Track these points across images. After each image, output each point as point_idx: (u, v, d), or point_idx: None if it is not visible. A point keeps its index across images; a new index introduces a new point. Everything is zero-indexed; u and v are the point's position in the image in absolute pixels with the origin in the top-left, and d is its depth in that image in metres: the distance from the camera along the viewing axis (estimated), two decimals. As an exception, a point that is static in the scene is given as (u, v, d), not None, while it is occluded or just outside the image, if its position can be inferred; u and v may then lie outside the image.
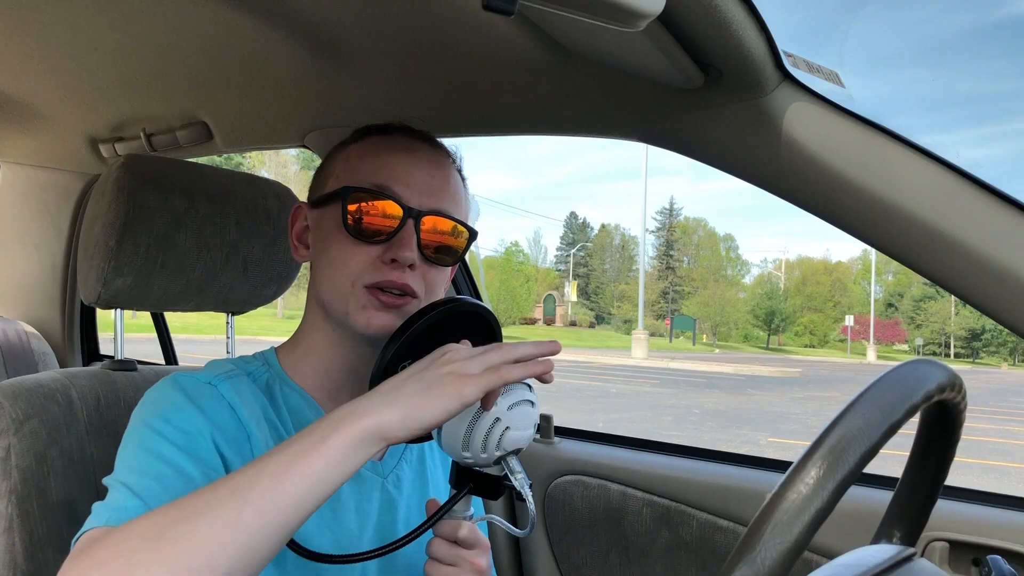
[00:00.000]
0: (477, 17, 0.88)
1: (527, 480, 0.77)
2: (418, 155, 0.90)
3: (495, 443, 0.76)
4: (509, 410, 0.76)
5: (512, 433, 0.76)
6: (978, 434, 11.17)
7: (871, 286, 65.29)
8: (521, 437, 0.77)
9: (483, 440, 0.75)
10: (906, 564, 0.62)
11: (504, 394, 0.76)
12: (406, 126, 0.95)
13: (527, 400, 0.78)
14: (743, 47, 0.79)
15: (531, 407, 0.79)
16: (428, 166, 0.90)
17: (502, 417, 0.76)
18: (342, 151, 0.94)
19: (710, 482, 1.33)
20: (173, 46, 1.12)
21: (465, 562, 0.81)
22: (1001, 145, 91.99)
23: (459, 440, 0.76)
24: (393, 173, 0.88)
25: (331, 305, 0.89)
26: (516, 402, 0.77)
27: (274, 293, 1.24)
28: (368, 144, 0.92)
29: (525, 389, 0.79)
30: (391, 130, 0.93)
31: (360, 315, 0.86)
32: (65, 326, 2.03)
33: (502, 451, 0.77)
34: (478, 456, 0.76)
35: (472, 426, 0.75)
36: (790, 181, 0.91)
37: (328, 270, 0.89)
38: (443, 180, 0.91)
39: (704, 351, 45.84)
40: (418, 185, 0.88)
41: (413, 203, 0.87)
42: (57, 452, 0.96)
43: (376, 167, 0.89)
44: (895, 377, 0.53)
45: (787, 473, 0.48)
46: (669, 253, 73.50)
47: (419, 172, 0.89)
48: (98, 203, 1.05)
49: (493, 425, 0.75)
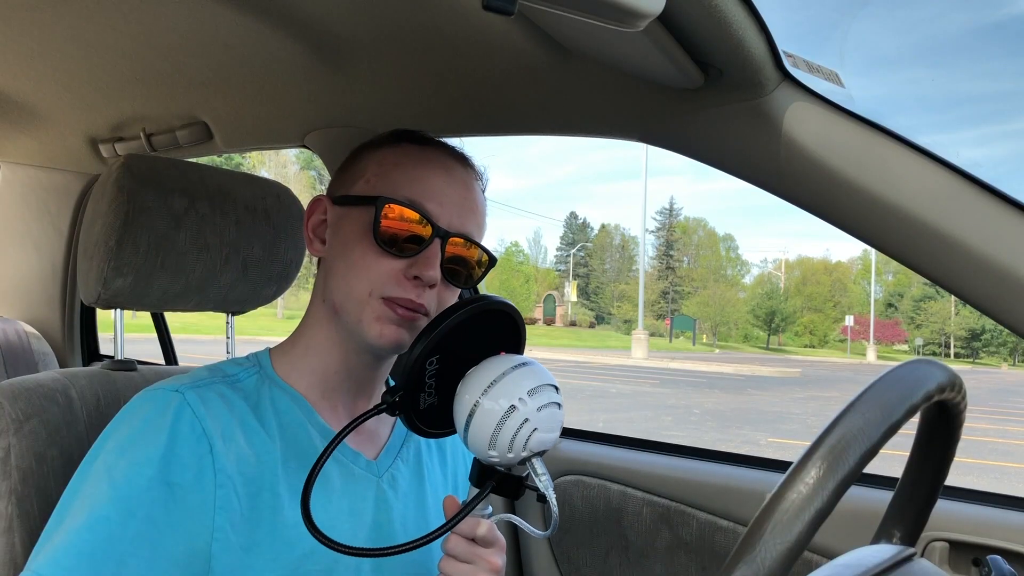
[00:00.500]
0: (477, 17, 0.88)
1: (551, 482, 0.78)
2: (454, 175, 0.90)
3: (522, 444, 0.76)
4: (538, 411, 0.76)
5: (540, 435, 0.76)
6: (978, 434, 11.17)
7: (871, 286, 65.31)
8: (548, 439, 0.78)
9: (511, 440, 0.75)
10: (906, 564, 0.62)
11: (533, 395, 0.77)
12: (443, 143, 0.95)
13: (555, 402, 0.79)
14: (743, 47, 0.79)
15: (558, 409, 0.79)
16: (462, 188, 0.91)
17: (531, 418, 0.76)
18: (374, 153, 0.93)
19: (710, 482, 1.33)
20: (173, 46, 1.12)
21: (482, 560, 0.81)
22: (1001, 145, 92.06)
23: (486, 439, 0.76)
24: (428, 190, 0.87)
25: (343, 310, 0.88)
26: (545, 404, 0.77)
27: (274, 293, 1.24)
28: (404, 152, 0.91)
29: (552, 391, 0.79)
30: (427, 142, 0.93)
31: (373, 326, 0.85)
32: (65, 326, 2.04)
33: (528, 452, 0.77)
34: (504, 456, 0.76)
35: (500, 426, 0.75)
36: (790, 181, 0.91)
37: (346, 274, 0.88)
38: (473, 203, 0.91)
39: (704, 351, 45.85)
40: (450, 206, 0.88)
41: (443, 223, 0.87)
42: (57, 452, 0.96)
43: (413, 180, 0.88)
44: (895, 377, 0.53)
45: (787, 473, 0.48)
46: (669, 253, 73.49)
47: (454, 193, 0.89)
48: (98, 203, 1.05)
49: (521, 426, 0.75)
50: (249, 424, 0.85)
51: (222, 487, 0.79)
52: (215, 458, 0.80)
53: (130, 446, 0.79)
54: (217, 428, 0.81)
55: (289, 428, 0.87)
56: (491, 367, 0.79)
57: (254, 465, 0.82)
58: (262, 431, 0.85)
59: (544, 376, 0.80)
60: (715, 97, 0.91)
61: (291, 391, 0.90)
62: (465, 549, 0.81)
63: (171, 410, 0.80)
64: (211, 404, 0.83)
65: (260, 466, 0.83)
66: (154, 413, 0.81)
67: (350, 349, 0.90)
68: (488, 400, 0.77)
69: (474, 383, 0.78)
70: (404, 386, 0.78)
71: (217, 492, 0.79)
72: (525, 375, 0.78)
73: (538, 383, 0.78)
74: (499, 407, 0.76)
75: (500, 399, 0.76)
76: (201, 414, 0.81)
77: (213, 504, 0.79)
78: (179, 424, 0.80)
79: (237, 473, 0.81)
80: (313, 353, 0.92)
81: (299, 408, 0.89)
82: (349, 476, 0.90)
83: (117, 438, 0.80)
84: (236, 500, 0.80)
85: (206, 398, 0.83)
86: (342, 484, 0.89)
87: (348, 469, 0.90)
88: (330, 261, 0.91)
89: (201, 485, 0.79)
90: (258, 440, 0.84)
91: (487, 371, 0.79)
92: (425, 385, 0.80)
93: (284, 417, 0.88)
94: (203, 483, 0.79)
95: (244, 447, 0.83)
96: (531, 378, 0.78)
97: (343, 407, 0.93)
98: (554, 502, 0.77)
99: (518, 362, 0.80)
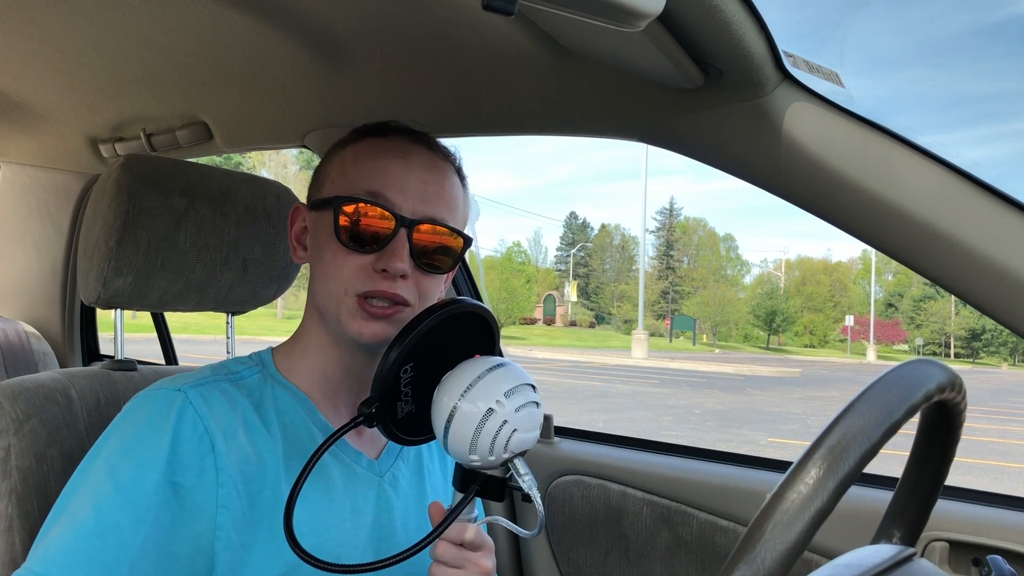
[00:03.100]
0: (477, 17, 0.88)
1: (534, 481, 0.77)
2: (413, 160, 0.89)
3: (503, 446, 0.75)
4: (516, 412, 0.76)
5: (519, 435, 0.76)
6: (978, 434, 11.16)
7: (871, 286, 65.30)
8: (528, 439, 0.77)
9: (491, 443, 0.75)
10: (906, 564, 0.62)
11: (510, 396, 0.76)
12: (404, 127, 0.93)
13: (533, 401, 0.78)
14: (743, 47, 0.79)
15: (536, 408, 0.78)
16: (423, 171, 0.89)
17: (509, 419, 0.75)
18: (339, 153, 0.93)
19: (710, 482, 1.33)
20: (173, 46, 1.12)
21: (471, 564, 0.81)
22: (1001, 145, 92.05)
23: (466, 444, 0.75)
24: (387, 180, 0.86)
25: (326, 311, 0.88)
26: (523, 404, 0.77)
27: (274, 293, 1.24)
28: (364, 147, 0.90)
29: (530, 390, 0.79)
30: (388, 131, 0.91)
31: (352, 323, 0.85)
32: (65, 326, 2.03)
33: (509, 453, 0.76)
34: (485, 459, 0.76)
35: (479, 429, 0.75)
36: (790, 181, 0.91)
37: (322, 277, 0.88)
38: (438, 186, 0.89)
39: (704, 351, 45.83)
40: (412, 192, 0.87)
41: (406, 211, 0.86)
42: (57, 452, 0.96)
43: (370, 173, 0.87)
44: (895, 377, 0.53)
45: (787, 473, 0.48)
46: (669, 253, 73.49)
47: (413, 178, 0.87)
48: (98, 203, 1.05)
49: (500, 428, 0.75)
50: (251, 422, 0.85)
51: (224, 486, 0.80)
52: (216, 456, 0.80)
53: (134, 447, 0.79)
54: (219, 426, 0.81)
55: (291, 426, 0.87)
56: (466, 371, 0.78)
57: (255, 463, 0.83)
58: (264, 429, 0.85)
59: (520, 376, 0.79)
60: (715, 97, 0.91)
61: (293, 389, 0.90)
62: (454, 554, 0.81)
63: (174, 410, 0.81)
64: (213, 402, 0.83)
65: (261, 464, 0.83)
66: (157, 413, 0.81)
67: (344, 349, 0.90)
68: (465, 404, 0.76)
69: (450, 388, 0.78)
70: (379, 397, 0.77)
71: (219, 491, 0.79)
72: (501, 377, 0.77)
73: (515, 383, 0.77)
74: (477, 410, 0.75)
75: (477, 402, 0.75)
76: (203, 412, 0.81)
77: (215, 503, 0.79)
78: (181, 424, 0.80)
79: (238, 472, 0.81)
80: (312, 355, 0.92)
81: (301, 406, 0.89)
82: (351, 476, 0.90)
83: (120, 438, 0.80)
84: (238, 498, 0.80)
85: (208, 396, 0.83)
86: (344, 484, 0.89)
87: (350, 469, 0.90)
88: (312, 266, 0.92)
89: (204, 484, 0.79)
90: (260, 438, 0.84)
91: (462, 375, 0.78)
92: (401, 394, 0.79)
93: (286, 415, 0.88)
94: (205, 482, 0.79)
95: (246, 445, 0.83)
96: (507, 379, 0.77)
97: (345, 406, 0.93)
98: (539, 501, 0.76)
99: (493, 364, 0.79)
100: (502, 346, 0.92)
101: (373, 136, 0.91)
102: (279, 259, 1.20)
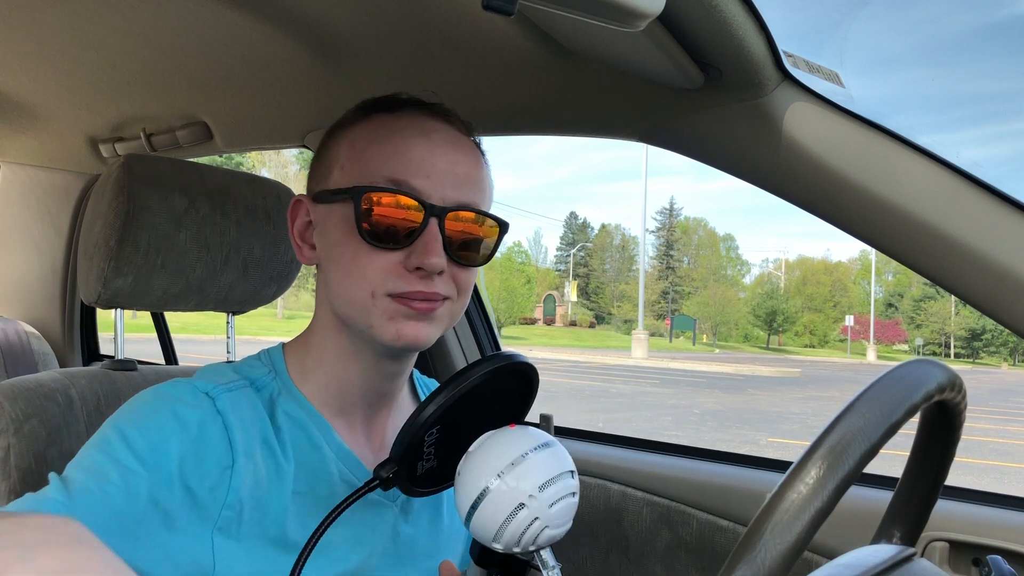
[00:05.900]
0: (477, 17, 0.88)
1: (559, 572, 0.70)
2: (435, 138, 0.77)
3: (531, 540, 0.69)
4: (551, 507, 0.68)
5: (550, 531, 0.69)
6: (978, 434, 11.16)
7: (871, 286, 65.32)
8: (558, 534, 0.70)
9: (519, 537, 0.68)
10: (906, 564, 0.61)
11: (546, 488, 0.68)
12: (416, 99, 0.81)
13: (570, 492, 0.70)
14: (743, 47, 0.79)
15: (572, 498, 0.71)
16: (450, 151, 0.77)
17: (541, 516, 0.68)
18: (346, 133, 0.80)
19: (710, 482, 1.33)
20: (173, 46, 1.12)
21: None
22: (1001, 145, 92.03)
23: (492, 532, 0.69)
24: (410, 164, 0.75)
25: (349, 317, 0.78)
26: (559, 498, 0.69)
27: (274, 293, 1.24)
28: (376, 126, 0.78)
29: (569, 477, 0.71)
30: (400, 106, 0.80)
31: (387, 327, 0.75)
32: (65, 326, 2.03)
33: (536, 547, 0.69)
34: (510, 549, 0.69)
35: (509, 519, 0.68)
36: (790, 181, 0.91)
37: (342, 279, 0.77)
38: (467, 166, 0.78)
39: (704, 351, 45.85)
40: (439, 176, 0.76)
41: (435, 198, 0.75)
42: (57, 452, 0.96)
43: (389, 157, 0.76)
44: (895, 377, 0.53)
45: (787, 473, 0.48)
46: (669, 253, 73.52)
47: (440, 160, 0.76)
48: (98, 203, 1.05)
49: (531, 523, 0.68)
50: (268, 440, 0.77)
51: (230, 507, 0.73)
52: (233, 476, 0.73)
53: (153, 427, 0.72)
54: (243, 442, 0.75)
55: (303, 450, 0.79)
56: (505, 445, 0.70)
57: (265, 488, 0.76)
58: (278, 449, 0.78)
59: (563, 462, 0.71)
60: (715, 97, 0.91)
61: (307, 406, 0.81)
62: None
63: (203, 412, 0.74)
64: (240, 413, 0.76)
65: (270, 491, 0.76)
66: (185, 410, 0.74)
67: (368, 359, 0.81)
68: (501, 486, 0.68)
69: (484, 463, 0.69)
70: (399, 460, 0.71)
71: (222, 512, 0.73)
72: (544, 460, 0.69)
73: (556, 472, 0.70)
74: (511, 499, 0.67)
75: (513, 488, 0.68)
76: (230, 422, 0.74)
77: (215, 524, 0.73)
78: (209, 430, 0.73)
79: (249, 496, 0.74)
80: (328, 365, 0.82)
81: (316, 426, 0.81)
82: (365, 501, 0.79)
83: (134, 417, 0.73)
84: (237, 525, 0.73)
85: (237, 405, 0.76)
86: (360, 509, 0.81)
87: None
88: (325, 267, 0.81)
89: (214, 499, 0.73)
90: (272, 461, 0.77)
91: (500, 450, 0.69)
92: (424, 454, 0.72)
93: (300, 435, 0.80)
94: (216, 497, 0.73)
95: (260, 467, 0.76)
96: (550, 465, 0.70)
97: (361, 424, 0.85)
98: None
99: (538, 443, 0.71)
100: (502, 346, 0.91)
101: (382, 112, 0.80)
102: (279, 259, 1.19)
